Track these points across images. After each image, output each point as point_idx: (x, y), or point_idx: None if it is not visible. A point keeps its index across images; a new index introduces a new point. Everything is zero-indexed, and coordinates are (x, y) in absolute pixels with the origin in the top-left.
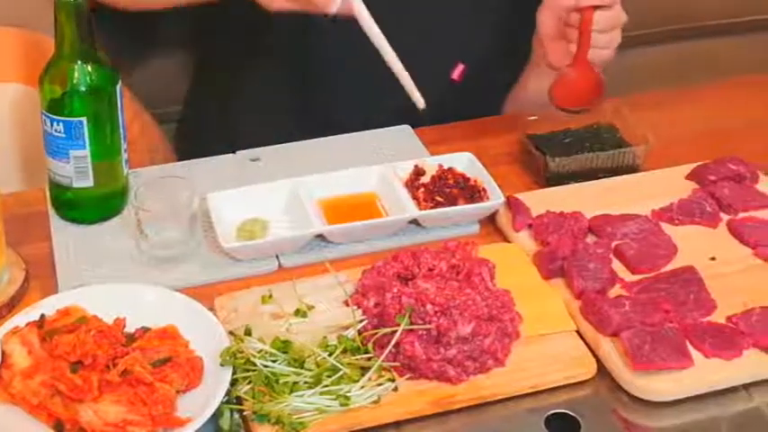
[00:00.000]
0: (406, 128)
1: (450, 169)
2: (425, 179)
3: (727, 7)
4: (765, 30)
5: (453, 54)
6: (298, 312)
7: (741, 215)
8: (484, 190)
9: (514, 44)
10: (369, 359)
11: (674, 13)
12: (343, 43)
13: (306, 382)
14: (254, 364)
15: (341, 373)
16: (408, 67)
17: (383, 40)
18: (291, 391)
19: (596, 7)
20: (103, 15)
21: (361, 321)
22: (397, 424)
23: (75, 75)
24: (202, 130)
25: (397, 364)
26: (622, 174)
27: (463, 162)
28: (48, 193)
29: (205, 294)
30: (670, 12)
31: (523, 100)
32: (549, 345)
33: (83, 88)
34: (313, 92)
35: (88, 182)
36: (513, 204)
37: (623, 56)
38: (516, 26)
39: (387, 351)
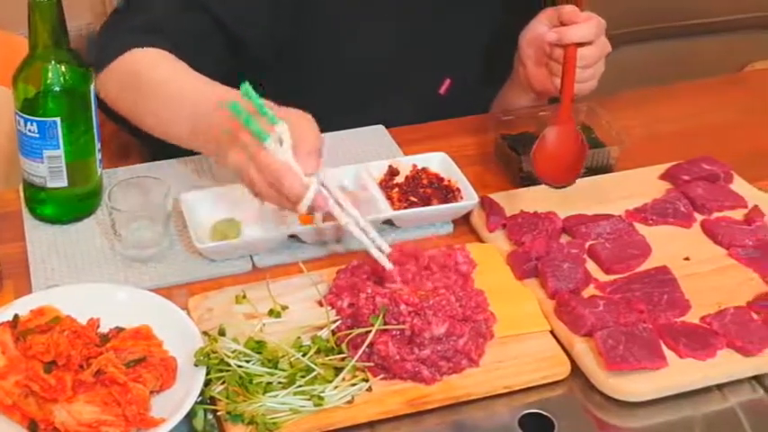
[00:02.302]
0: (380, 128)
1: (424, 169)
2: (399, 179)
3: (702, 7)
4: (741, 29)
5: (441, 70)
6: (272, 313)
7: (715, 215)
8: (458, 190)
9: (501, 62)
10: (343, 359)
11: (649, 13)
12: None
13: (280, 383)
14: (228, 365)
15: (315, 373)
16: (398, 83)
17: (351, 225)
18: (265, 392)
19: (580, 43)
20: None
21: (335, 322)
22: (371, 424)
23: (49, 75)
24: None
25: (371, 364)
26: (596, 174)
27: (437, 162)
28: (22, 193)
29: (179, 294)
30: (644, 12)
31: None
32: (524, 345)
33: (57, 88)
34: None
35: (62, 182)
36: (487, 204)
37: None
38: (504, 44)
39: (360, 351)
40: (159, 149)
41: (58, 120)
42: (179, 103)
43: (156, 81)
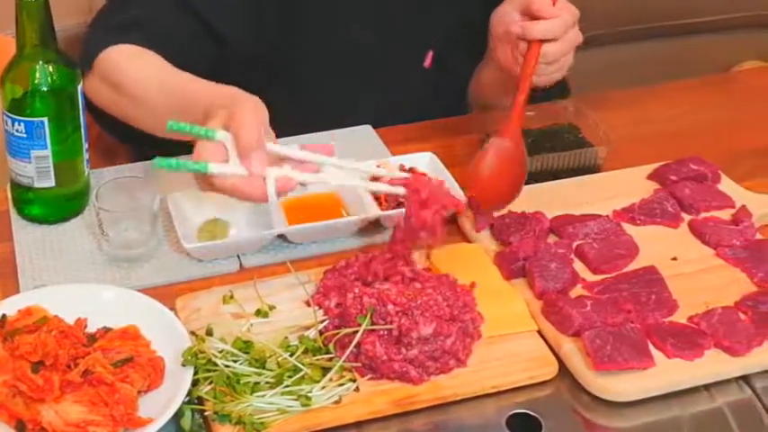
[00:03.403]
0: (368, 128)
1: (411, 169)
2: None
3: (689, 7)
4: (728, 29)
5: (423, 43)
6: (259, 312)
7: (703, 215)
8: None
9: (481, 29)
10: (330, 359)
11: (636, 13)
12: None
13: (267, 383)
14: (216, 365)
15: (302, 373)
16: (383, 62)
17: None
18: (253, 392)
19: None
20: None
21: (323, 322)
22: (359, 424)
23: (37, 75)
24: None
25: (358, 364)
26: (584, 174)
27: (424, 162)
28: (9, 193)
29: (166, 294)
30: (631, 12)
31: (479, 92)
32: (511, 345)
33: (44, 88)
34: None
35: (50, 182)
36: (474, 205)
37: (585, 55)
38: (482, 12)
39: (348, 351)
40: (148, 149)
41: (45, 120)
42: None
43: (131, 81)
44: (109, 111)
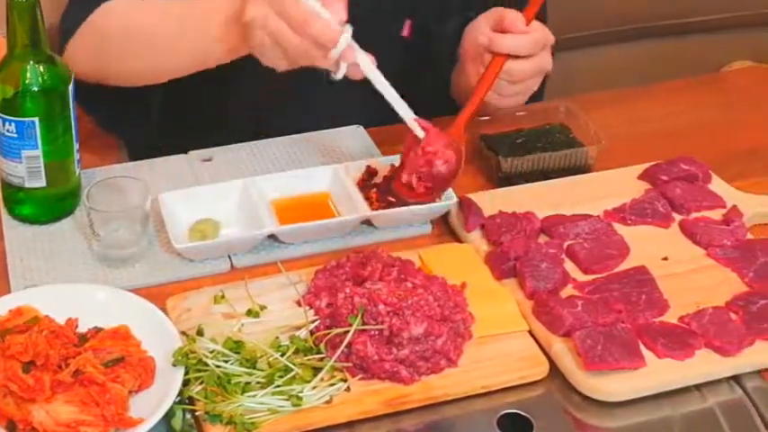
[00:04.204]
0: (359, 128)
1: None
2: (378, 179)
3: (679, 7)
4: (718, 30)
5: (400, 13)
6: (250, 313)
7: (693, 215)
8: None
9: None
10: (321, 359)
11: (626, 13)
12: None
13: (258, 383)
14: (207, 365)
15: (293, 373)
16: (361, 31)
17: (387, 87)
18: (244, 392)
19: (512, 55)
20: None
21: (314, 322)
22: (350, 424)
23: (28, 75)
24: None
25: (349, 364)
26: (575, 174)
27: None
28: (0, 193)
29: (157, 294)
30: (621, 12)
31: (459, 97)
32: (502, 345)
33: (35, 88)
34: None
35: (41, 182)
36: (465, 205)
37: (577, 56)
38: None
39: (339, 351)
40: (139, 149)
41: (36, 120)
42: (178, 21)
43: (142, 18)
44: (96, 72)
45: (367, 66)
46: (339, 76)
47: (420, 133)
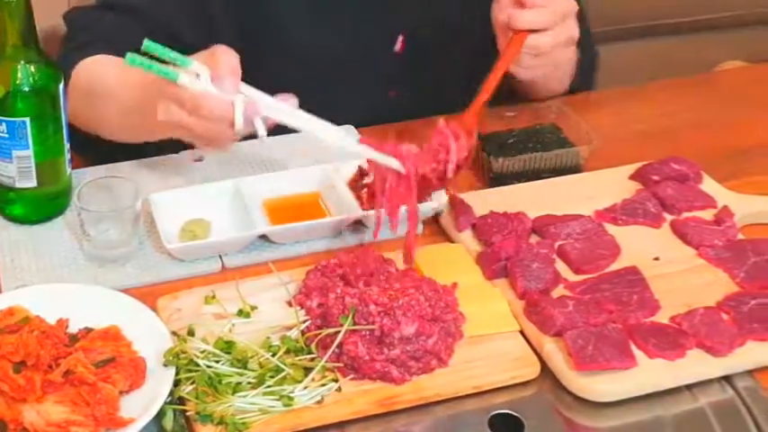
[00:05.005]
0: (350, 128)
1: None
2: (369, 179)
3: (671, 7)
4: (710, 29)
5: (396, 29)
6: (241, 313)
7: (685, 215)
8: None
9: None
10: (312, 359)
11: (617, 13)
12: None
13: (249, 383)
14: (198, 365)
15: (284, 373)
16: (356, 47)
17: (310, 122)
18: (234, 392)
19: (534, 30)
20: None
21: (305, 322)
22: (341, 424)
23: (19, 75)
24: None
25: (340, 364)
26: (566, 174)
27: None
28: None
29: (148, 294)
30: (613, 12)
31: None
32: (493, 345)
33: (26, 88)
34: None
35: (31, 182)
36: (456, 204)
37: None
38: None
39: (330, 351)
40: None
41: (27, 120)
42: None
43: (95, 83)
44: (87, 126)
45: (277, 115)
46: (261, 134)
47: (372, 155)
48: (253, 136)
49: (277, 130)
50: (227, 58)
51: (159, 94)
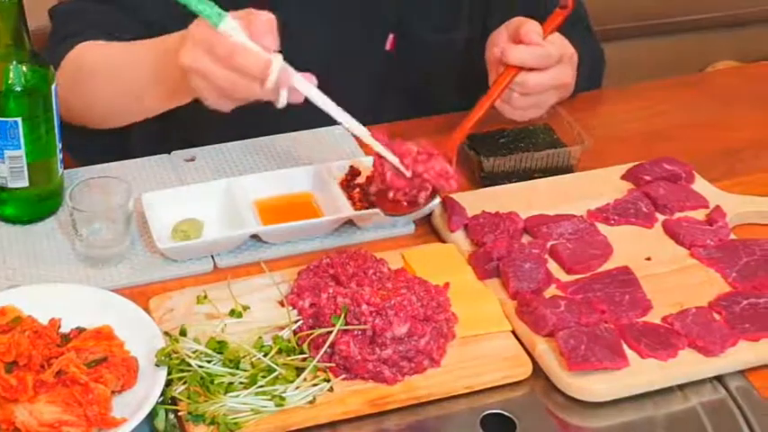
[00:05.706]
0: (342, 128)
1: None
2: (361, 179)
3: (663, 7)
4: (701, 30)
5: (383, 27)
6: (233, 313)
7: (677, 215)
8: None
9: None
10: (304, 359)
11: (609, 14)
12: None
13: (241, 383)
14: (189, 365)
15: (276, 373)
16: (347, 45)
17: (331, 105)
18: (226, 392)
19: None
20: None
21: (297, 322)
22: (333, 424)
23: (11, 75)
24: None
25: (332, 364)
26: (558, 174)
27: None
28: None
29: (140, 294)
30: (604, 13)
31: None
32: (485, 345)
33: (18, 88)
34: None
35: (23, 182)
36: (448, 204)
37: None
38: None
39: (322, 351)
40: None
41: (19, 120)
42: (131, 62)
43: (100, 58)
44: (72, 115)
45: (305, 87)
46: (281, 104)
47: (380, 149)
48: (251, 129)
49: (267, 129)
50: (266, 16)
51: (184, 40)
